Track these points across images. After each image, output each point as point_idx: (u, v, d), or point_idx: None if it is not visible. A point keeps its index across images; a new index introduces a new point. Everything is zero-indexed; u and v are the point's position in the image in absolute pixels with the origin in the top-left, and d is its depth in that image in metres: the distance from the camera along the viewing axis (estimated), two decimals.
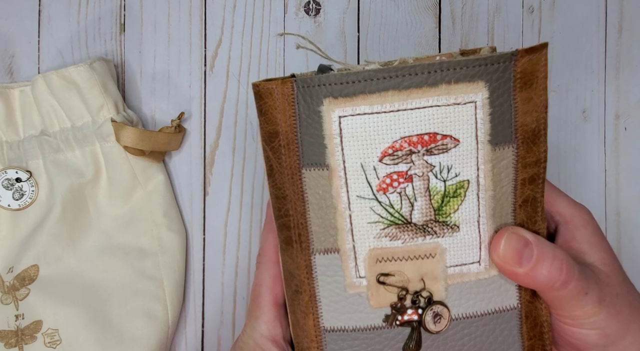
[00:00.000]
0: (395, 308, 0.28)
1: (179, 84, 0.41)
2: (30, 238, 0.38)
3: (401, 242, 0.27)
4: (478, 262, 0.28)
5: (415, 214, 0.27)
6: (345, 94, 0.25)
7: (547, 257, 0.27)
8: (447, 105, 0.25)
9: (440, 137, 0.26)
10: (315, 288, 0.28)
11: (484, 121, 0.26)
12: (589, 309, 0.27)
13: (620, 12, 0.42)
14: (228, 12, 0.42)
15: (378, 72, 0.25)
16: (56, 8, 0.41)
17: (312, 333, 0.29)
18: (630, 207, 0.42)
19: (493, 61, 0.25)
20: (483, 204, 0.27)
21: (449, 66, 0.25)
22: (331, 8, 0.42)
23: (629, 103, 0.42)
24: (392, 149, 0.26)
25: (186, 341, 0.41)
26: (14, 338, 0.37)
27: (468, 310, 0.28)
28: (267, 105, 0.27)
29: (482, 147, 0.26)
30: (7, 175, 0.38)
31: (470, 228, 0.27)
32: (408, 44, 0.42)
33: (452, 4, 0.42)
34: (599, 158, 0.42)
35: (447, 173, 0.26)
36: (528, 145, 0.27)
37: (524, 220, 0.28)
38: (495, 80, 0.25)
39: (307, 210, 0.27)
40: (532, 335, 0.29)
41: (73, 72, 0.37)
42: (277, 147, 0.27)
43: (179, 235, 0.40)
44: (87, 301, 0.38)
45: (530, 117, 0.26)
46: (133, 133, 0.37)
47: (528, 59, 0.25)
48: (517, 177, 0.27)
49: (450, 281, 0.28)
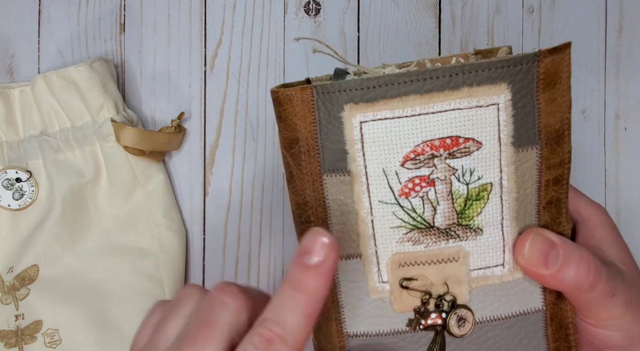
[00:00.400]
0: (419, 312, 0.27)
1: (179, 84, 0.41)
2: (30, 238, 0.38)
3: (424, 246, 0.27)
4: (502, 264, 0.27)
5: (438, 218, 0.26)
6: (367, 99, 0.25)
7: (574, 258, 0.26)
8: (469, 108, 0.25)
9: (463, 140, 0.25)
10: (337, 294, 0.28)
11: (507, 123, 0.25)
12: (616, 311, 0.27)
13: (620, 12, 0.42)
14: (228, 12, 0.42)
15: (399, 76, 0.24)
16: (56, 8, 0.41)
17: (336, 339, 0.28)
18: (630, 207, 0.42)
19: (516, 62, 0.24)
20: (506, 206, 0.27)
21: (470, 68, 0.24)
22: (331, 8, 0.42)
23: (629, 103, 0.42)
24: (414, 153, 0.25)
25: None
26: (14, 338, 0.37)
27: (492, 312, 0.28)
28: (286, 112, 0.26)
29: (505, 149, 0.26)
30: (7, 175, 0.38)
31: (493, 231, 0.27)
32: (408, 44, 0.42)
33: (452, 4, 0.42)
34: (599, 158, 0.42)
35: (469, 176, 0.26)
36: (552, 146, 0.26)
37: (548, 222, 0.27)
38: (518, 81, 0.25)
39: (329, 216, 0.27)
40: (557, 336, 0.28)
41: (73, 72, 0.37)
42: (297, 153, 0.27)
43: (179, 235, 0.40)
44: (87, 301, 0.38)
45: (554, 118, 0.26)
46: (133, 133, 0.37)
47: (551, 59, 0.25)
48: (541, 178, 0.27)
49: (474, 284, 0.27)
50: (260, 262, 0.41)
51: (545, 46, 0.43)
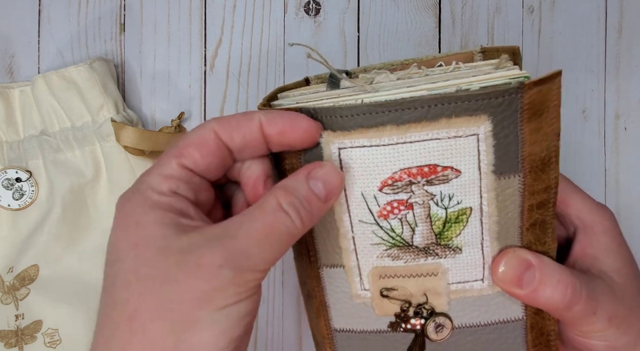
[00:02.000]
0: (399, 317, 0.28)
1: (179, 84, 0.41)
2: (30, 238, 0.38)
3: (403, 261, 0.27)
4: (481, 279, 0.27)
5: (417, 238, 0.27)
6: (344, 127, 0.25)
7: (551, 280, 0.26)
8: (448, 138, 0.24)
9: (441, 169, 0.25)
10: (324, 295, 0.29)
11: (487, 152, 0.25)
12: (597, 326, 0.27)
13: (620, 12, 0.42)
14: (228, 12, 0.42)
15: (376, 106, 0.24)
16: (56, 8, 0.41)
17: (325, 331, 0.30)
18: (630, 207, 0.42)
19: (497, 95, 0.24)
20: (487, 228, 0.26)
21: (450, 100, 0.24)
22: (331, 8, 0.42)
23: (629, 103, 0.42)
24: (392, 180, 0.25)
25: None
26: (14, 338, 0.37)
27: (472, 320, 0.28)
28: None
29: (485, 177, 0.25)
30: (7, 175, 0.38)
31: (473, 250, 0.27)
32: (408, 44, 0.42)
33: (452, 4, 0.42)
34: (599, 158, 0.42)
35: (448, 201, 0.26)
36: (536, 174, 0.26)
37: (532, 241, 0.27)
38: (499, 113, 0.24)
39: (314, 230, 0.28)
40: (537, 342, 0.29)
41: (73, 72, 0.37)
42: (283, 171, 0.27)
43: None
44: (87, 301, 0.38)
45: (539, 147, 0.25)
46: (133, 133, 0.37)
47: (537, 90, 0.24)
48: (524, 203, 0.26)
49: (453, 296, 0.28)
50: None
51: (545, 46, 0.43)
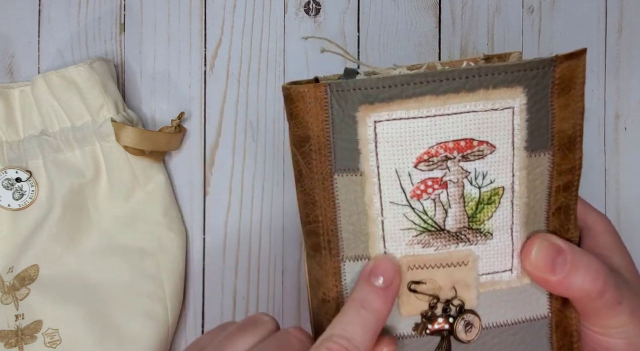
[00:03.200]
0: (426, 317, 0.27)
1: (179, 84, 0.41)
2: (30, 238, 0.38)
3: (434, 249, 0.27)
4: (510, 270, 0.27)
5: (449, 221, 0.26)
6: (382, 99, 0.25)
7: (582, 265, 0.26)
8: (485, 110, 0.25)
9: (477, 143, 0.25)
10: (343, 296, 0.28)
11: (521, 127, 0.25)
12: (621, 319, 0.27)
13: (620, 12, 0.42)
14: (228, 12, 0.42)
15: (415, 76, 0.24)
16: (56, 8, 0.41)
17: None
18: (630, 207, 0.42)
19: (532, 66, 0.24)
20: (517, 211, 0.26)
21: (487, 71, 0.24)
22: (331, 8, 0.42)
23: (629, 103, 0.42)
24: (428, 155, 0.25)
25: (186, 341, 0.41)
26: (14, 338, 0.37)
27: (499, 318, 0.28)
28: (298, 109, 0.26)
29: (518, 154, 0.26)
30: (7, 175, 0.38)
31: (503, 235, 0.27)
32: (408, 44, 0.42)
33: (452, 4, 0.42)
34: (599, 158, 0.42)
35: (482, 179, 0.26)
36: (564, 152, 0.26)
37: (557, 228, 0.27)
38: (533, 85, 0.25)
39: (338, 216, 0.27)
40: (562, 344, 0.28)
41: (73, 72, 0.37)
42: (308, 152, 0.26)
43: (179, 235, 0.40)
44: (87, 301, 0.38)
45: (567, 124, 0.26)
46: (133, 133, 0.37)
47: (567, 65, 0.25)
48: (552, 184, 0.26)
49: (482, 289, 0.27)
50: (260, 261, 0.41)
51: (545, 46, 0.43)
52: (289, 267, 0.41)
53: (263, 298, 0.41)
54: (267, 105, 0.41)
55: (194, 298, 0.41)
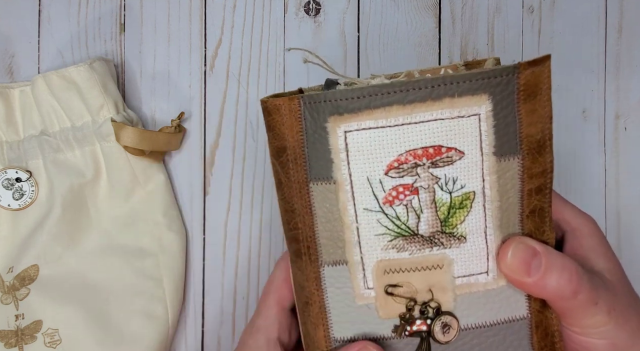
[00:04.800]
0: (404, 319, 0.28)
1: (179, 84, 0.41)
2: (30, 238, 0.38)
3: (408, 253, 0.27)
4: (486, 272, 0.28)
5: (422, 226, 0.27)
6: (351, 110, 0.25)
7: (556, 267, 0.27)
8: (451, 118, 0.25)
9: (445, 150, 0.26)
10: (324, 299, 0.28)
11: (488, 133, 0.26)
12: (598, 319, 0.27)
13: (620, 12, 0.42)
14: (228, 12, 0.42)
15: (382, 87, 0.25)
16: (56, 8, 0.41)
17: (323, 344, 0.29)
18: (630, 207, 0.42)
19: (496, 74, 0.25)
20: (490, 215, 0.27)
21: (452, 80, 0.25)
22: (331, 8, 0.42)
23: (629, 103, 0.42)
24: (398, 162, 0.26)
25: (186, 341, 0.41)
26: (14, 338, 0.37)
27: (477, 320, 0.28)
28: (274, 121, 0.27)
29: (487, 159, 0.26)
30: (7, 175, 0.38)
31: (477, 238, 0.27)
32: (408, 44, 0.42)
33: (452, 4, 0.42)
34: (599, 158, 0.42)
35: (452, 185, 0.26)
36: (534, 156, 0.27)
37: (532, 230, 0.28)
38: (498, 92, 0.25)
39: (315, 223, 0.28)
40: (543, 344, 0.29)
41: (73, 72, 0.37)
42: (285, 162, 0.27)
43: (179, 235, 0.40)
44: (87, 301, 0.38)
45: (535, 128, 0.26)
46: (133, 133, 0.37)
47: (531, 71, 0.25)
48: (524, 187, 0.27)
49: (459, 291, 0.28)
50: (260, 261, 0.41)
51: (545, 46, 0.43)
52: None
53: None
54: None
55: (194, 298, 0.41)
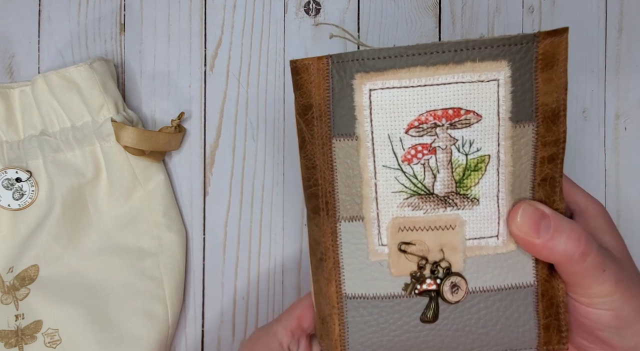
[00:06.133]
0: (415, 277, 0.29)
1: (179, 84, 0.41)
2: (30, 238, 0.38)
3: (423, 212, 0.28)
4: (496, 236, 0.29)
5: (438, 185, 0.28)
6: (376, 69, 0.27)
7: (565, 229, 0.27)
8: (472, 82, 0.27)
9: (464, 112, 0.27)
10: (339, 255, 0.29)
11: (506, 98, 0.27)
12: (606, 287, 0.27)
13: (620, 12, 0.42)
14: (228, 12, 0.42)
15: (408, 48, 0.26)
16: (56, 8, 0.41)
17: (334, 300, 0.30)
18: (630, 207, 0.42)
19: (516, 41, 0.26)
20: (503, 179, 0.28)
21: (474, 45, 0.26)
22: (331, 8, 0.42)
23: (629, 103, 0.42)
24: (418, 122, 0.27)
25: (186, 341, 0.41)
26: (14, 338, 0.37)
27: (485, 283, 0.29)
28: (302, 80, 0.28)
29: (504, 124, 0.27)
30: (7, 175, 0.38)
31: (489, 202, 0.28)
32: (408, 44, 0.42)
33: (452, 4, 0.42)
34: (599, 158, 0.42)
35: (469, 147, 0.28)
36: (548, 125, 0.28)
37: (542, 198, 0.29)
38: (518, 60, 0.27)
39: (335, 179, 0.29)
40: (548, 314, 0.29)
41: (73, 72, 0.37)
42: (310, 119, 0.28)
43: (179, 235, 0.40)
44: (87, 301, 0.38)
45: (550, 97, 0.27)
46: (133, 133, 0.37)
47: (550, 41, 0.26)
48: (537, 154, 0.28)
49: (469, 253, 0.29)
50: (260, 261, 0.41)
51: None
52: (288, 267, 0.41)
53: (263, 298, 0.41)
54: (267, 105, 0.41)
55: (194, 298, 0.41)
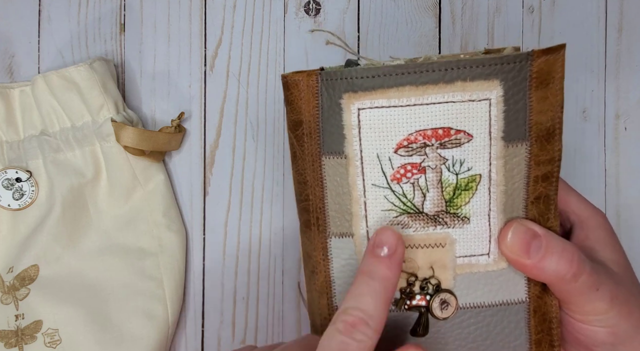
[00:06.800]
0: (405, 293, 0.29)
1: (179, 84, 0.41)
2: (30, 238, 0.38)
3: (412, 230, 0.28)
4: (487, 254, 0.28)
5: (427, 204, 0.28)
6: (365, 88, 0.26)
7: (557, 250, 0.27)
8: (462, 101, 0.26)
9: (454, 132, 0.26)
10: (330, 269, 0.29)
11: (498, 118, 0.26)
12: (600, 305, 0.27)
13: (620, 12, 0.42)
14: (228, 12, 0.42)
15: (396, 67, 0.26)
16: (56, 8, 0.41)
17: (326, 312, 0.30)
18: (630, 207, 0.42)
19: (509, 60, 0.26)
20: (494, 198, 0.28)
21: (465, 64, 0.25)
22: (331, 8, 0.42)
23: (629, 103, 0.42)
24: (407, 141, 0.27)
25: (186, 341, 0.41)
26: (14, 338, 0.37)
27: (476, 299, 0.29)
28: (293, 96, 0.28)
29: (495, 143, 0.27)
30: (7, 175, 0.38)
31: (480, 220, 0.28)
32: (408, 44, 0.42)
33: (452, 4, 0.42)
34: (599, 158, 0.42)
35: (459, 166, 0.27)
36: (542, 143, 0.27)
37: (536, 216, 0.28)
38: (510, 79, 0.26)
39: (325, 196, 0.29)
40: (540, 329, 0.29)
41: (73, 72, 0.37)
42: (301, 135, 0.28)
43: (179, 235, 0.40)
44: (87, 301, 0.38)
45: (545, 116, 0.27)
46: (133, 133, 0.37)
47: (545, 60, 0.26)
48: (530, 173, 0.27)
49: (459, 271, 0.28)
50: (260, 261, 0.41)
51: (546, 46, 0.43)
52: (288, 267, 0.41)
53: (263, 299, 0.41)
54: (267, 105, 0.41)
55: (194, 298, 0.41)
